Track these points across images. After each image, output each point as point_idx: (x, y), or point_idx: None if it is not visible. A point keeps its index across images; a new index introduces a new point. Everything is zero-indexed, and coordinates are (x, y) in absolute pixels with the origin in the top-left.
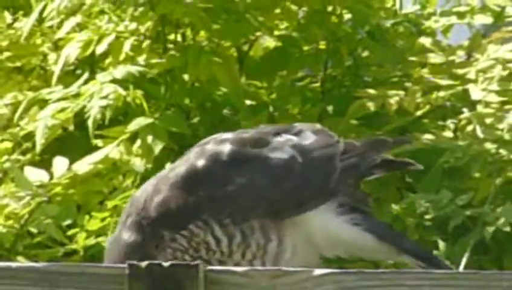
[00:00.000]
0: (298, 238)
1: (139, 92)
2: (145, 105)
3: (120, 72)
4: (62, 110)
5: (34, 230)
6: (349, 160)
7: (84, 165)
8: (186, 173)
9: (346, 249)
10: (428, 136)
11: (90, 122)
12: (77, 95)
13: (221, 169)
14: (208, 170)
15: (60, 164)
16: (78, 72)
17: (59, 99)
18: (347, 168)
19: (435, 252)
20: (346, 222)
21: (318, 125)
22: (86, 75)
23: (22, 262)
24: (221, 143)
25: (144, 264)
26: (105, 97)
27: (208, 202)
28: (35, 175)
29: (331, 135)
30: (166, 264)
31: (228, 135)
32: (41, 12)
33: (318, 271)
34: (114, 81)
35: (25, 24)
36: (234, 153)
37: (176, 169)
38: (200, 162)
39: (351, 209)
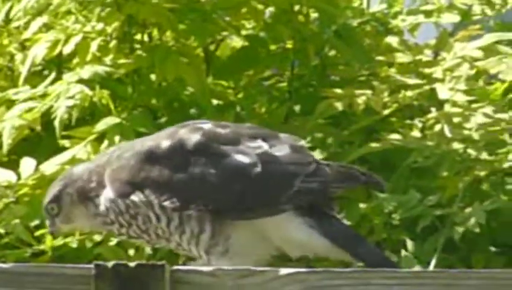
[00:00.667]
0: (243, 236)
1: (105, 92)
2: (111, 105)
3: (87, 72)
4: (29, 110)
5: (1, 231)
6: (311, 184)
7: (52, 166)
8: (148, 149)
9: (301, 251)
10: (396, 136)
11: (57, 123)
12: (44, 96)
13: (180, 155)
14: (167, 152)
15: (27, 164)
16: (45, 72)
17: (26, 100)
18: (304, 191)
19: (404, 252)
20: (301, 224)
21: (302, 142)
22: (52, 75)
23: None
24: (195, 131)
25: (110, 264)
26: (71, 97)
27: (155, 180)
28: (2, 176)
29: (307, 155)
30: (132, 264)
31: (206, 125)
32: (8, 13)
33: (285, 271)
34: (81, 81)
35: None
36: (200, 144)
37: (145, 141)
38: (165, 143)
39: (309, 211)
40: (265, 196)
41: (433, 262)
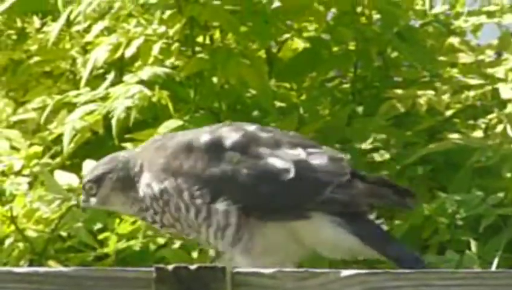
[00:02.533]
0: (269, 235)
1: (165, 93)
2: (170, 106)
3: (146, 73)
4: (90, 112)
5: (64, 234)
6: (339, 195)
7: None
8: (187, 140)
9: (332, 251)
10: (458, 136)
11: (114, 122)
12: (105, 98)
13: (216, 150)
14: (205, 146)
15: (89, 167)
16: (107, 76)
17: (87, 102)
18: (332, 201)
19: (467, 251)
20: (330, 224)
21: (340, 155)
22: (112, 76)
23: (53, 267)
24: (236, 130)
25: (170, 267)
26: (130, 97)
27: (188, 170)
28: (65, 179)
29: (343, 166)
30: (193, 267)
31: (249, 127)
32: (69, 16)
33: (345, 272)
34: (141, 82)
35: (54, 29)
36: (237, 143)
37: (187, 134)
38: (205, 137)
39: (340, 212)
40: (293, 200)
41: (495, 262)
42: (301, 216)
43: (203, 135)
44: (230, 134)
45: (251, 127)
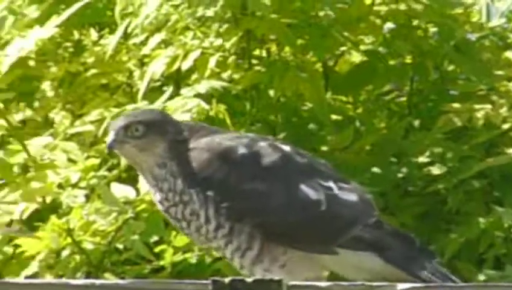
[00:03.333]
0: (291, 259)
1: (222, 107)
2: (227, 120)
3: (204, 86)
4: None
5: (120, 247)
6: (367, 235)
7: None
8: (223, 149)
9: (356, 272)
10: None
11: None
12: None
13: (252, 167)
14: (241, 161)
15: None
16: (164, 88)
17: None
18: (359, 240)
19: None
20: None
21: (369, 196)
22: (170, 90)
23: (109, 279)
24: (274, 149)
25: (227, 280)
26: (188, 111)
27: (220, 183)
28: (121, 191)
29: (371, 207)
30: (249, 280)
31: (285, 147)
32: (126, 29)
33: (401, 286)
34: (198, 96)
35: (111, 41)
36: (275, 164)
37: (224, 140)
38: (242, 150)
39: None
40: (321, 234)
41: None
42: (328, 251)
43: (240, 148)
44: (268, 152)
45: (287, 148)
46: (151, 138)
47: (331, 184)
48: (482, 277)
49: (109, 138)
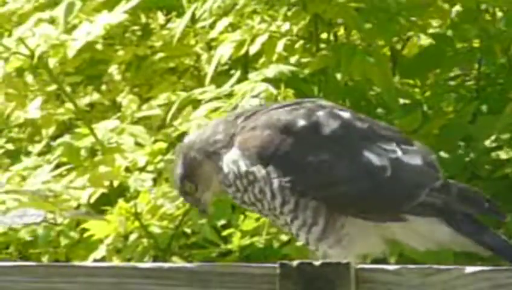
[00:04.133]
0: (357, 230)
1: (290, 91)
2: None
3: (272, 71)
4: (215, 110)
5: (188, 231)
6: (435, 199)
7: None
8: (283, 124)
9: (424, 242)
10: None
11: None
12: (230, 95)
13: (313, 139)
14: (302, 133)
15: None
16: (232, 72)
17: (212, 99)
18: (427, 204)
19: None
20: (427, 222)
21: (433, 156)
22: (237, 74)
23: (177, 263)
24: (334, 118)
25: (295, 263)
26: (256, 96)
27: (282, 159)
28: None
29: (436, 169)
30: (317, 263)
31: (345, 114)
32: (194, 13)
33: (469, 269)
34: (266, 80)
35: (178, 25)
36: (336, 133)
37: (281, 114)
38: (302, 122)
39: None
40: (388, 201)
41: None
42: (397, 219)
43: (299, 120)
44: (327, 121)
45: (346, 114)
46: (198, 174)
47: (394, 147)
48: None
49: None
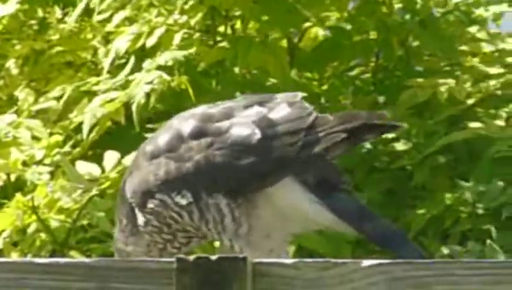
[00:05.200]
0: (262, 213)
1: (184, 78)
2: (190, 91)
3: (164, 58)
4: (110, 100)
5: (86, 224)
6: (314, 135)
7: None
8: (150, 151)
9: (305, 225)
10: (480, 125)
11: (133, 107)
12: (126, 86)
13: (178, 146)
14: (166, 147)
15: (110, 157)
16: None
17: (107, 90)
18: (310, 143)
19: (488, 241)
20: (307, 198)
21: (298, 95)
22: (131, 63)
23: (75, 257)
24: (187, 118)
25: (191, 258)
26: (150, 82)
27: (162, 180)
28: (86, 169)
29: (304, 108)
30: (213, 257)
31: (198, 110)
32: (88, 6)
33: (366, 262)
34: (160, 68)
35: (72, 16)
36: (195, 129)
37: (145, 146)
38: (162, 139)
39: (317, 185)
40: (272, 159)
41: None
42: (286, 173)
43: (160, 138)
44: (183, 124)
45: (199, 109)
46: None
47: (256, 109)
48: (445, 251)
49: None
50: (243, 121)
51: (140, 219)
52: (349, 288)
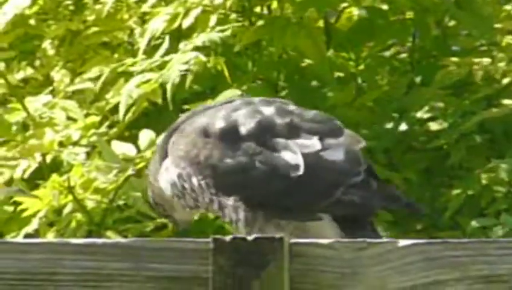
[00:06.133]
0: (280, 230)
1: (221, 59)
2: (226, 73)
3: (201, 39)
4: (147, 81)
5: (122, 204)
6: (352, 197)
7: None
8: (203, 127)
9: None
10: None
11: (168, 87)
12: (162, 66)
13: (231, 141)
14: (220, 135)
15: (146, 136)
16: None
17: (143, 71)
18: (345, 202)
19: None
20: (334, 230)
21: (359, 147)
22: (167, 43)
23: (111, 237)
24: (252, 116)
25: (228, 238)
26: (185, 63)
27: (199, 161)
28: (122, 149)
29: (358, 163)
30: (250, 238)
31: (267, 110)
32: None
33: (403, 242)
34: (197, 49)
35: None
36: (252, 132)
37: (202, 117)
38: (219, 124)
39: (347, 221)
40: (302, 200)
41: None
42: (310, 218)
43: (218, 121)
44: (245, 120)
45: (269, 110)
46: (164, 199)
47: (314, 141)
48: (477, 225)
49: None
50: (295, 149)
51: (166, 170)
52: (386, 268)
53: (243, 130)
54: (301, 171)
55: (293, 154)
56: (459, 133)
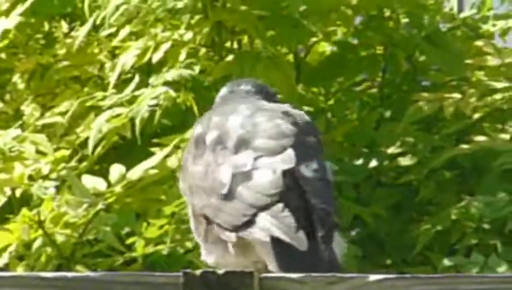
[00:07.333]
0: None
1: (190, 95)
2: (195, 108)
3: (172, 74)
4: (116, 115)
5: (92, 238)
6: (269, 221)
7: (139, 172)
8: (196, 134)
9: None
10: (486, 139)
11: (137, 122)
12: (132, 101)
13: (199, 149)
14: (194, 142)
15: (116, 171)
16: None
17: (113, 105)
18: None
19: (493, 254)
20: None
21: (284, 168)
22: (137, 79)
23: (80, 271)
24: (217, 127)
25: (198, 272)
26: (155, 98)
27: (182, 168)
28: (92, 183)
29: (278, 185)
30: (220, 271)
31: (235, 118)
32: (95, 21)
33: (373, 277)
34: (167, 84)
35: (80, 32)
36: (212, 142)
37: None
38: (197, 130)
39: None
40: (224, 218)
41: None
42: (239, 231)
43: (197, 127)
44: (211, 130)
45: (236, 120)
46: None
47: (246, 160)
48: (449, 263)
49: None
50: (227, 168)
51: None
52: None
53: (208, 140)
54: (225, 191)
55: (225, 172)
56: (429, 169)
